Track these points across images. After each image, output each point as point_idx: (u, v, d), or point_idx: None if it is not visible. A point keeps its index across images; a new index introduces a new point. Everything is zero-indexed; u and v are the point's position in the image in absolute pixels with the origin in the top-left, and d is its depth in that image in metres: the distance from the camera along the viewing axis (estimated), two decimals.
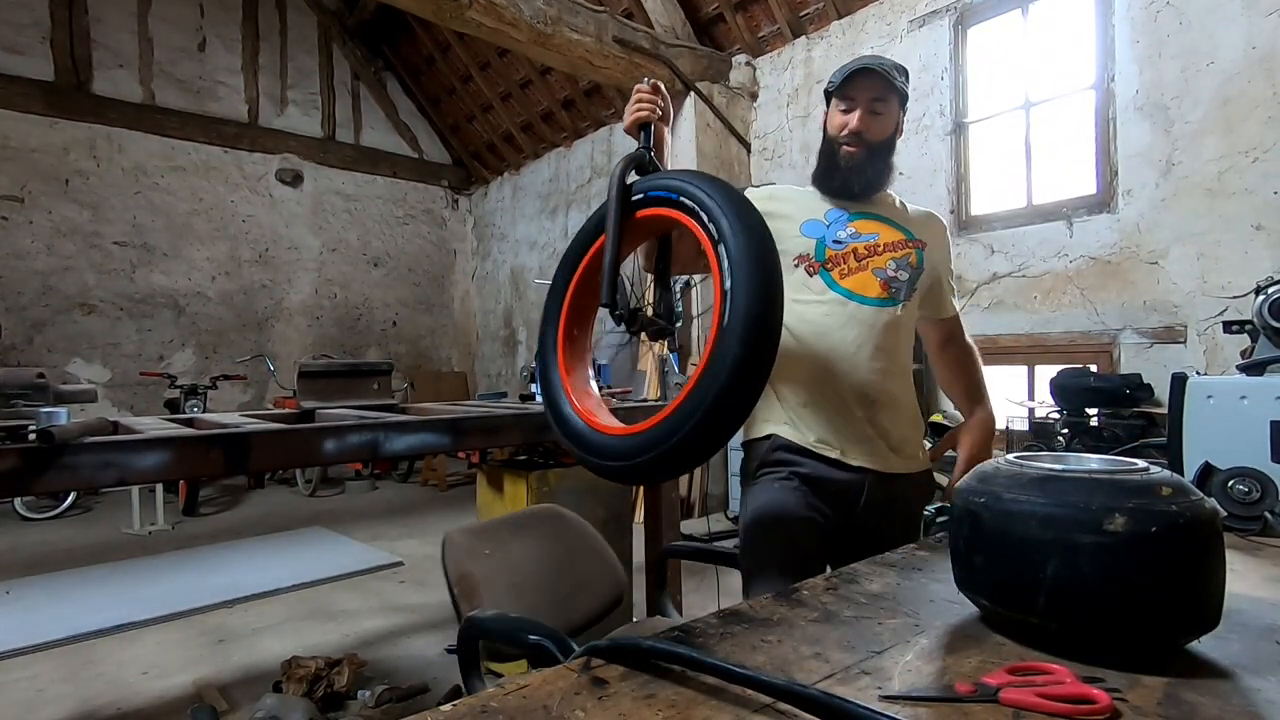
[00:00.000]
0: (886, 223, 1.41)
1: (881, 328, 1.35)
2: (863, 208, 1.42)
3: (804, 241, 1.39)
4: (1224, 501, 1.13)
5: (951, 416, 3.96)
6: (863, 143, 1.37)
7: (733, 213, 0.99)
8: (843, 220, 1.40)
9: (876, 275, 1.37)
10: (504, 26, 4.16)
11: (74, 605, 3.29)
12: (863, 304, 1.35)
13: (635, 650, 0.67)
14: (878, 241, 1.39)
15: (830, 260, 1.38)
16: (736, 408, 0.94)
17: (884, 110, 1.37)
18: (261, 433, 1.70)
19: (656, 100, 1.28)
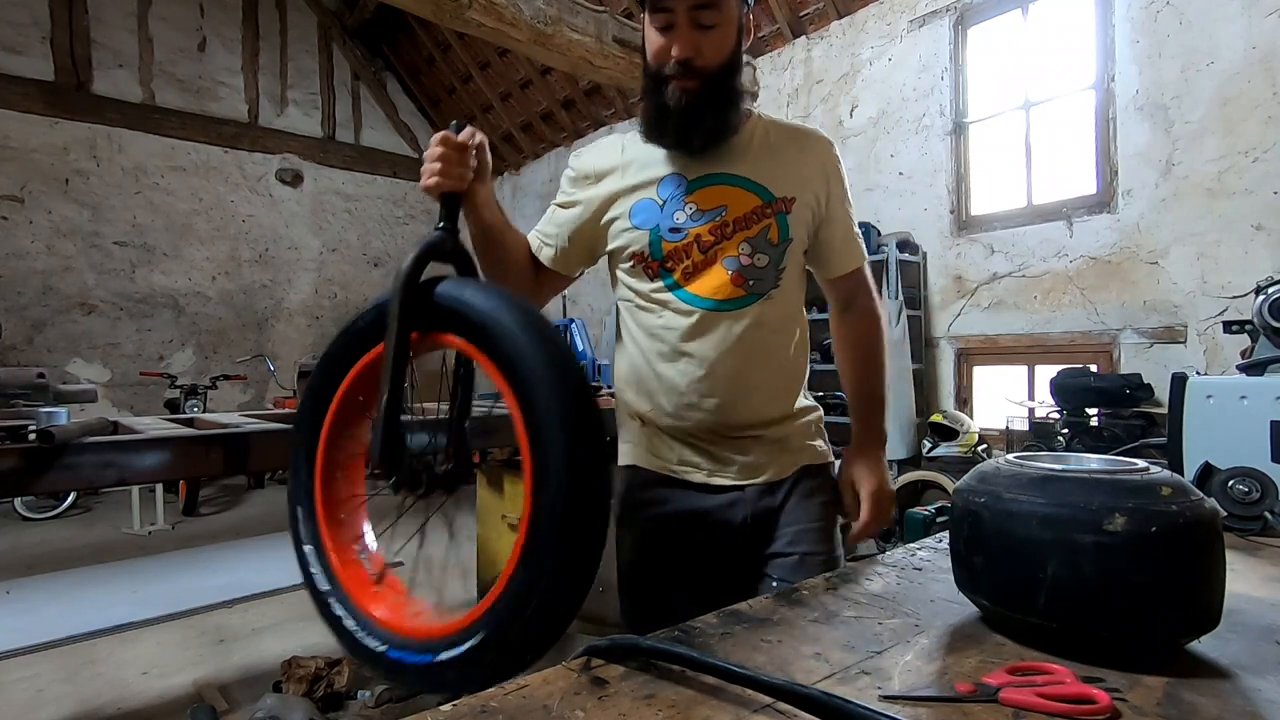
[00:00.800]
0: (736, 184, 1.09)
1: (742, 333, 1.09)
2: (706, 166, 1.09)
3: (636, 235, 1.10)
4: (1224, 501, 1.13)
5: (952, 416, 3.96)
6: (694, 73, 1.02)
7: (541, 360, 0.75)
8: (679, 195, 1.09)
9: (727, 267, 1.08)
10: (504, 26, 4.16)
11: (74, 605, 3.28)
12: (715, 310, 1.08)
13: (635, 650, 0.67)
14: (725, 218, 1.07)
15: (670, 256, 1.09)
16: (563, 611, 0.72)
17: (716, 21, 1.01)
18: (261, 433, 1.70)
19: (463, 159, 0.95)
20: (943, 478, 3.71)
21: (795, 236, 1.11)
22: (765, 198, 1.09)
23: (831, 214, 1.16)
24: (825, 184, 1.14)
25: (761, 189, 1.09)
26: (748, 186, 1.09)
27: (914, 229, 4.39)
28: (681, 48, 1.01)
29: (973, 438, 3.86)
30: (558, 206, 1.19)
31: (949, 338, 4.27)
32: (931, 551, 1.07)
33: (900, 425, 3.97)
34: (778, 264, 1.10)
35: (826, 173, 1.15)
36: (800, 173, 1.12)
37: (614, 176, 1.14)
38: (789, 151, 1.13)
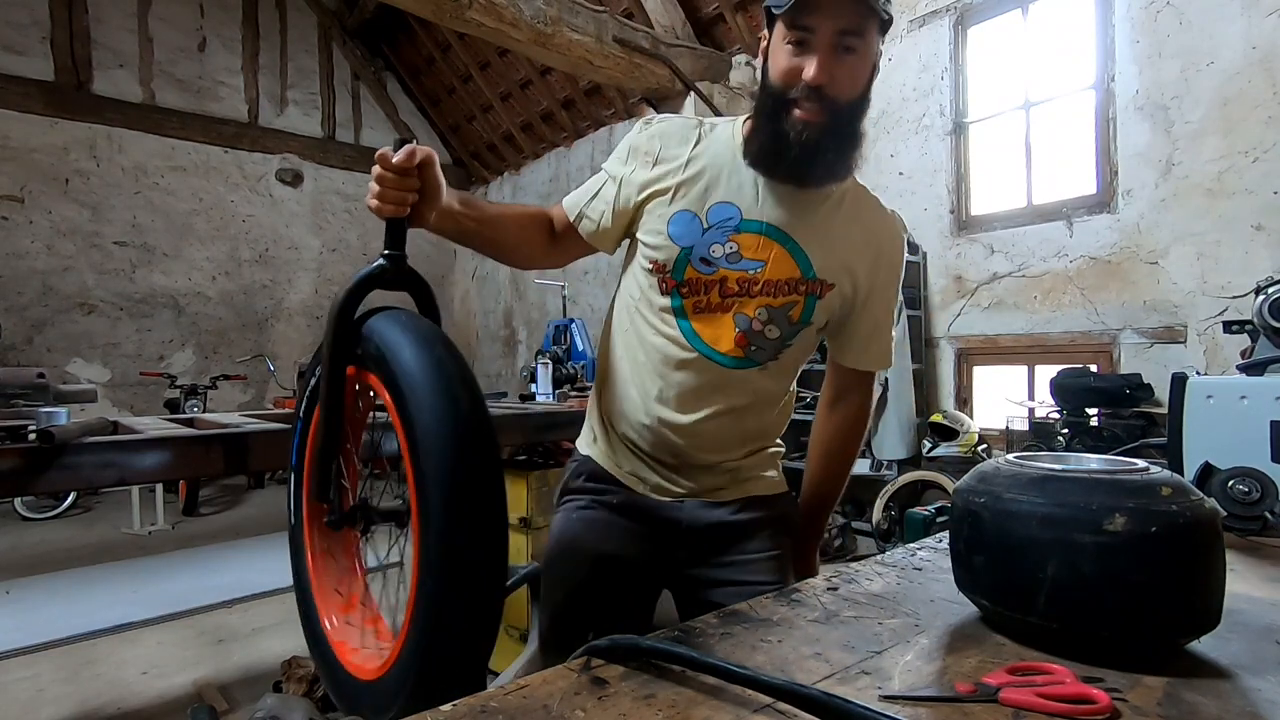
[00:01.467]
0: (786, 244, 1.00)
1: (728, 391, 1.05)
2: (769, 211, 1.00)
3: (667, 245, 1.02)
4: (1224, 501, 1.13)
5: (952, 416, 3.96)
6: (825, 103, 0.91)
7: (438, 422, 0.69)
8: (727, 228, 1.00)
9: (736, 323, 1.02)
10: (504, 26, 4.16)
11: (74, 605, 3.28)
12: (709, 357, 1.03)
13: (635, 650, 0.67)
14: (758, 275, 1.00)
15: (688, 284, 1.02)
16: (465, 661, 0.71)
17: (859, 47, 0.91)
18: (261, 433, 1.71)
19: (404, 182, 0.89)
20: (943, 478, 3.71)
21: (815, 321, 1.06)
22: (806, 273, 1.02)
23: (869, 307, 1.09)
24: (874, 276, 1.08)
25: (807, 262, 1.02)
26: (795, 253, 1.01)
27: (914, 229, 4.39)
28: (818, 72, 0.90)
29: (973, 438, 3.86)
30: (608, 179, 1.10)
31: (949, 338, 4.27)
32: (931, 551, 1.07)
33: (900, 425, 3.97)
34: (786, 340, 1.05)
35: (880, 266, 1.08)
36: (854, 261, 1.05)
37: (675, 167, 1.03)
38: (855, 231, 1.05)
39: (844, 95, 0.92)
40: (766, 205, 1.00)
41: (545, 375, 3.14)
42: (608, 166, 1.11)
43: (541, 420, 2.32)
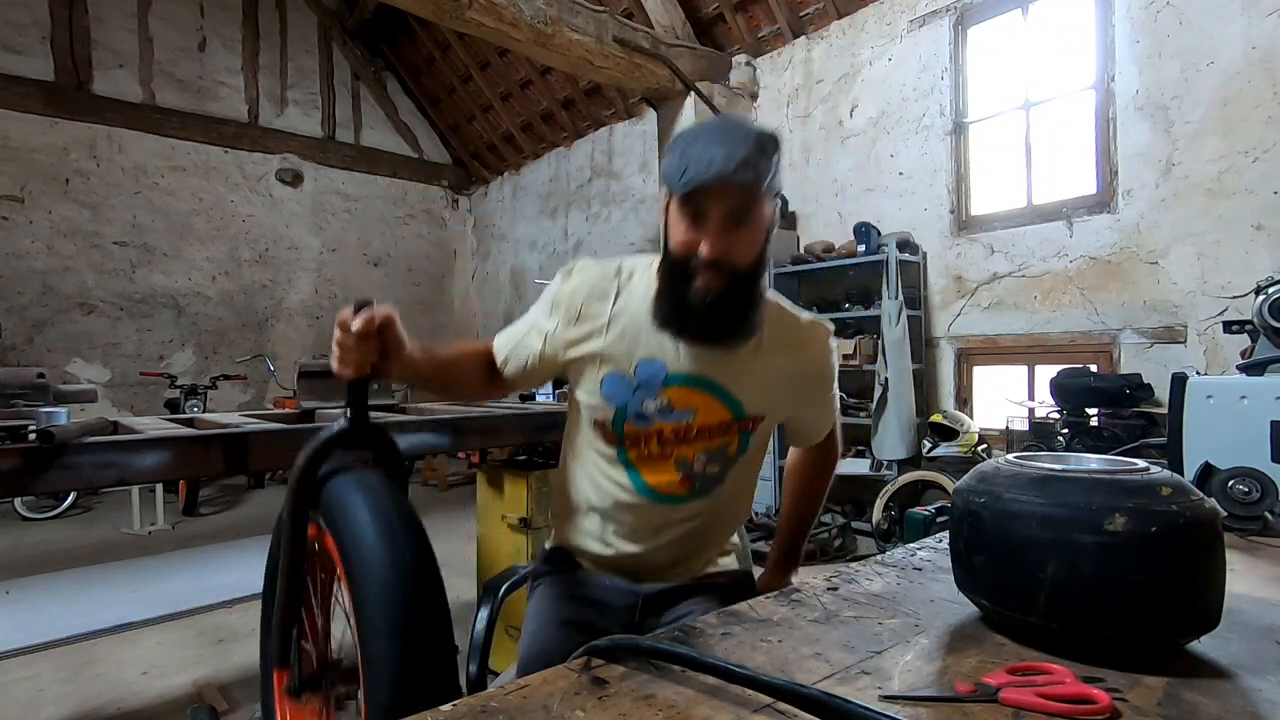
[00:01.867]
0: (713, 392, 1.05)
1: (683, 520, 1.13)
2: (691, 362, 1.03)
3: (603, 405, 1.07)
4: (1224, 501, 1.13)
5: (952, 416, 3.96)
6: (723, 272, 0.95)
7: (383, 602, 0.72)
8: (655, 384, 1.04)
9: (679, 468, 1.08)
10: (504, 26, 4.16)
11: (74, 605, 3.28)
12: (656, 501, 1.10)
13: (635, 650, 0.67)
14: (691, 423, 1.05)
15: (629, 438, 1.08)
16: None
17: (751, 218, 0.95)
18: (261, 433, 1.71)
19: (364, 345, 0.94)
20: (943, 478, 3.71)
21: (753, 448, 1.13)
22: (736, 414, 1.07)
23: (810, 408, 1.17)
24: (805, 394, 1.14)
25: (736, 404, 1.06)
26: (723, 399, 1.06)
27: (914, 229, 4.39)
28: (711, 249, 0.93)
29: (973, 438, 3.86)
30: (533, 329, 1.14)
31: (949, 338, 4.27)
32: (931, 551, 1.07)
33: (900, 425, 3.97)
34: (724, 472, 1.11)
35: (809, 385, 1.13)
36: (780, 391, 1.10)
37: (598, 327, 1.07)
38: (778, 363, 1.08)
39: (740, 262, 0.96)
40: (688, 358, 1.03)
41: None
42: (534, 315, 1.15)
43: (541, 420, 2.32)
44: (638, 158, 6.57)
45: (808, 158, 5.03)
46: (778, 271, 4.66)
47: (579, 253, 7.27)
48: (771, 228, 0.99)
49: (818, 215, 4.97)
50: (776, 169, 0.93)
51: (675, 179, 0.92)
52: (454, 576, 3.88)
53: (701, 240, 0.94)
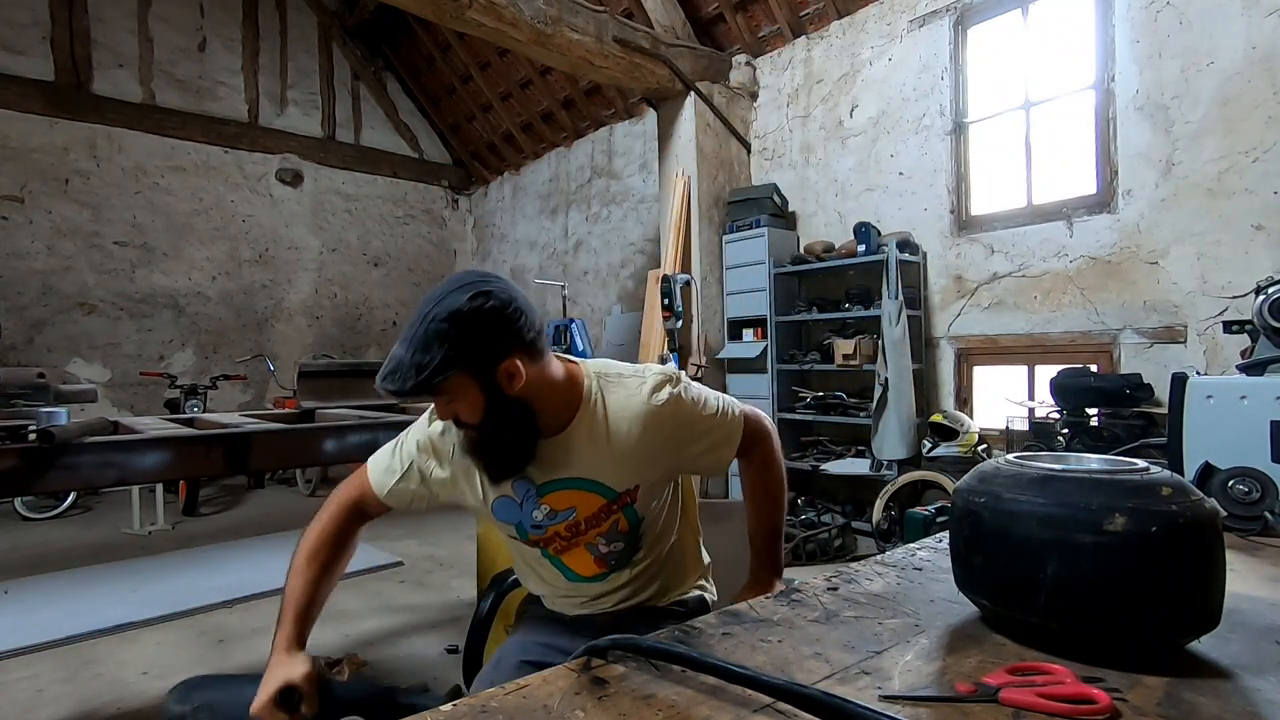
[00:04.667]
0: (579, 486, 1.13)
1: (618, 586, 1.22)
2: (550, 471, 1.12)
3: (504, 526, 1.19)
4: (1224, 501, 1.13)
5: (952, 416, 3.96)
6: (467, 427, 1.05)
7: None
8: (533, 497, 1.14)
9: (590, 551, 1.19)
10: (504, 26, 4.16)
11: (74, 605, 3.28)
12: (582, 583, 1.21)
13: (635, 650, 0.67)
14: (576, 518, 1.15)
15: (537, 542, 1.19)
16: None
17: (453, 398, 1.02)
18: (261, 433, 1.71)
19: None
20: (943, 478, 3.71)
21: (646, 514, 1.19)
22: (609, 496, 1.14)
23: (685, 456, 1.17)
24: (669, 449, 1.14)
25: (603, 488, 1.13)
26: (590, 488, 1.13)
27: (914, 229, 4.39)
28: (439, 415, 1.08)
29: (973, 438, 3.86)
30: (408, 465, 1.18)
31: (949, 338, 4.27)
32: (931, 551, 1.07)
33: (900, 425, 3.97)
34: (633, 542, 1.20)
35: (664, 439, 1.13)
36: (638, 460, 1.12)
37: (468, 470, 1.15)
38: (620, 440, 1.11)
39: (472, 421, 1.03)
40: (547, 466, 1.12)
41: None
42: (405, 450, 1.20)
43: None
44: (638, 158, 6.57)
45: (808, 158, 5.03)
46: (778, 271, 4.66)
47: (579, 252, 7.28)
48: (494, 385, 1.00)
49: (818, 215, 4.97)
50: (465, 350, 0.96)
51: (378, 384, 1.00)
52: (454, 576, 3.90)
53: None
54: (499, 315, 0.99)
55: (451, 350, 0.95)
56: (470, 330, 0.97)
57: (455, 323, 0.96)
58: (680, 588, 1.30)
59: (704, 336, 4.99)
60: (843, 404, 4.43)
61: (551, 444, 1.10)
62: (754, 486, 1.30)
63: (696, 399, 1.17)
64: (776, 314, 4.67)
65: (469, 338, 0.97)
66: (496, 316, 0.99)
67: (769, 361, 4.65)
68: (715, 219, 5.12)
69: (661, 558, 1.26)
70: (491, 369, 1.00)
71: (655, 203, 6.12)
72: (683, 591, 1.30)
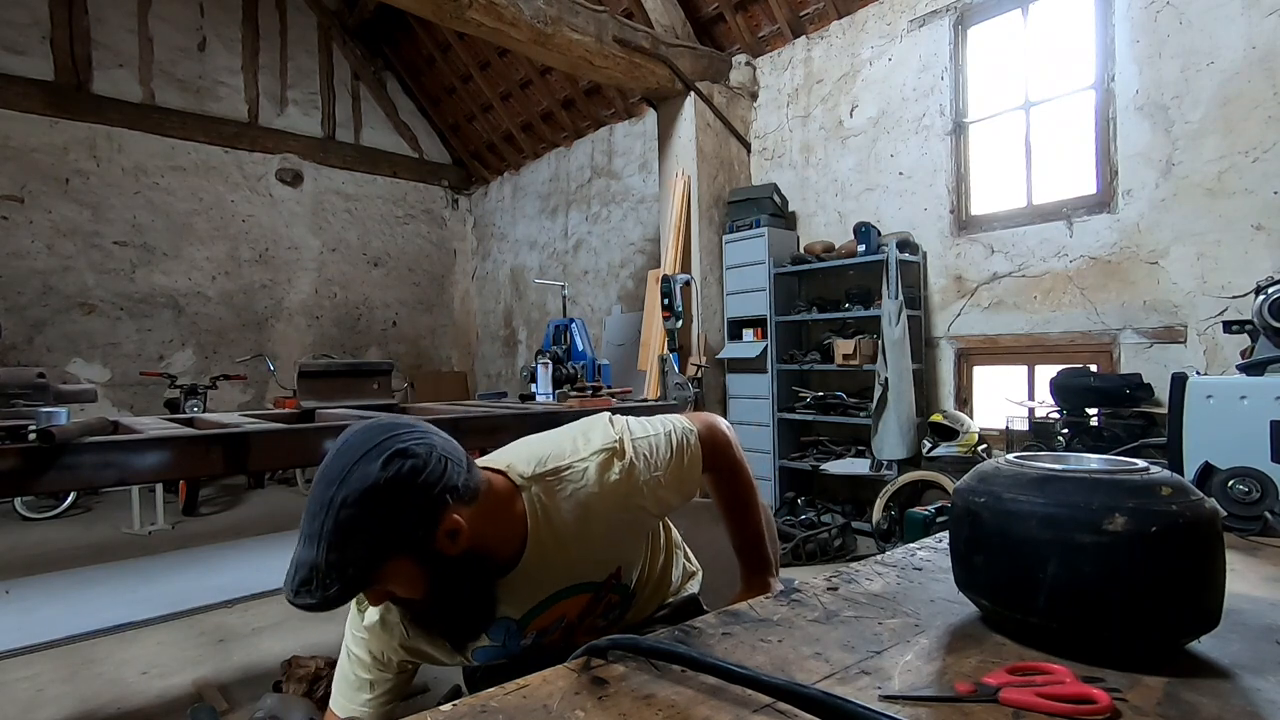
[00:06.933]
0: (562, 597, 1.04)
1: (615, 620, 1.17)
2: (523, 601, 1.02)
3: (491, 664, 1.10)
4: (1224, 501, 1.13)
5: (952, 416, 3.96)
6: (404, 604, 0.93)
7: None
8: (515, 632, 1.04)
9: (586, 634, 1.12)
10: (504, 26, 4.16)
11: (74, 605, 3.28)
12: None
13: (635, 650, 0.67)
14: (568, 622, 1.09)
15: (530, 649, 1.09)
16: None
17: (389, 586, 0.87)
18: (261, 433, 1.70)
19: None
20: (943, 478, 3.71)
21: (634, 579, 1.15)
22: (593, 589, 1.08)
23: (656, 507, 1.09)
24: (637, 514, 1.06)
25: (587, 584, 1.06)
26: (573, 592, 1.05)
27: (914, 229, 4.39)
28: (370, 602, 0.92)
29: (973, 438, 3.86)
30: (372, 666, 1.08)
31: (949, 338, 4.27)
32: (931, 551, 1.07)
33: (900, 425, 3.97)
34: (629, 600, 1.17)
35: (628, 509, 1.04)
36: (609, 542, 1.06)
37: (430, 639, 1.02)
38: (584, 535, 1.00)
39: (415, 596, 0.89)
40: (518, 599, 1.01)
41: (545, 375, 3.14)
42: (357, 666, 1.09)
43: (542, 420, 2.32)
44: (638, 158, 6.57)
45: (808, 158, 5.03)
46: (778, 271, 4.66)
47: (579, 252, 7.28)
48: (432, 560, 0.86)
49: (818, 215, 4.97)
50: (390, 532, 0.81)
51: None
52: None
53: None
54: (424, 476, 0.82)
55: (376, 538, 0.80)
56: (395, 506, 0.80)
57: (373, 503, 0.79)
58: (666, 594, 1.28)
59: (704, 336, 4.99)
60: (843, 404, 4.43)
61: (514, 576, 0.97)
62: (725, 498, 1.24)
63: (649, 454, 1.07)
64: (776, 314, 4.67)
65: (395, 516, 0.81)
66: (422, 479, 0.82)
67: (769, 361, 4.65)
68: (715, 219, 5.12)
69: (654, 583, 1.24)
70: (429, 539, 0.83)
71: (655, 203, 6.12)
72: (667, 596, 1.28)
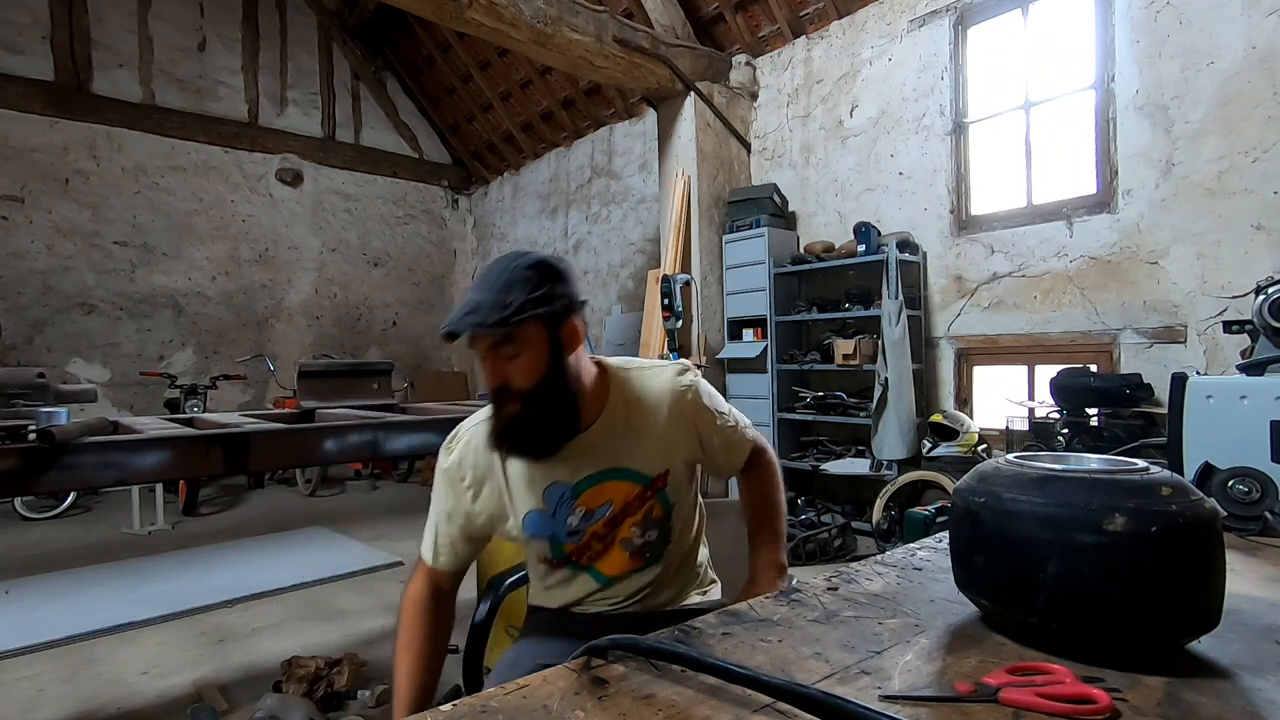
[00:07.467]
0: (614, 478, 1.14)
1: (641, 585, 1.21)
2: (582, 468, 1.13)
3: (535, 542, 1.17)
4: (1224, 501, 1.13)
5: (952, 416, 3.96)
6: (511, 396, 1.05)
7: None
8: (566, 500, 1.13)
9: (624, 548, 1.18)
10: (504, 26, 4.16)
11: (74, 605, 3.28)
12: (617, 581, 1.20)
13: (635, 650, 0.67)
14: (613, 512, 1.15)
15: (571, 554, 1.17)
16: None
17: (519, 352, 1.03)
18: (261, 433, 1.71)
19: None
20: (943, 478, 3.71)
21: (677, 501, 1.20)
22: (642, 482, 1.16)
23: (706, 446, 1.22)
24: (693, 434, 1.20)
25: (637, 475, 1.16)
26: (625, 477, 1.15)
27: (914, 229, 4.39)
28: (490, 381, 1.06)
29: (973, 438, 3.86)
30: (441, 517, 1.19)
31: (949, 338, 4.27)
32: (931, 551, 1.07)
33: (900, 425, 3.97)
34: (665, 534, 1.20)
35: (688, 423, 1.19)
36: (667, 444, 1.17)
37: (492, 489, 1.15)
38: (649, 424, 1.16)
39: (521, 386, 1.04)
40: (579, 463, 1.13)
41: None
42: (436, 505, 1.20)
43: None
44: (638, 158, 6.57)
45: (808, 158, 5.03)
46: (778, 271, 4.66)
47: (579, 252, 7.28)
48: (558, 345, 1.05)
49: (818, 215, 4.97)
50: (547, 295, 1.01)
51: (442, 328, 1.03)
52: None
53: (487, 373, 1.06)
54: (572, 274, 1.08)
55: (534, 295, 0.99)
56: (551, 280, 1.02)
57: (538, 270, 1.02)
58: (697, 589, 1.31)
59: (704, 336, 4.99)
60: (843, 404, 4.43)
61: (582, 440, 1.12)
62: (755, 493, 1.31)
63: (712, 393, 1.24)
64: (776, 314, 4.67)
65: (550, 286, 1.02)
66: (571, 275, 1.07)
67: (769, 361, 4.65)
68: (715, 219, 5.12)
69: (684, 555, 1.27)
70: (561, 322, 1.04)
71: (655, 203, 6.12)
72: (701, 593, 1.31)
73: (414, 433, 1.98)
